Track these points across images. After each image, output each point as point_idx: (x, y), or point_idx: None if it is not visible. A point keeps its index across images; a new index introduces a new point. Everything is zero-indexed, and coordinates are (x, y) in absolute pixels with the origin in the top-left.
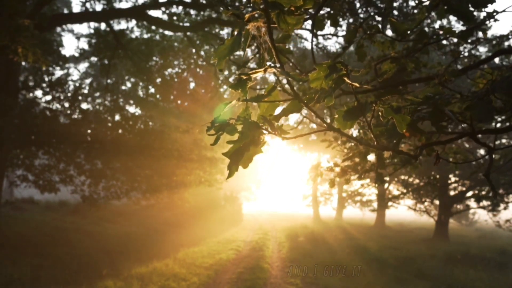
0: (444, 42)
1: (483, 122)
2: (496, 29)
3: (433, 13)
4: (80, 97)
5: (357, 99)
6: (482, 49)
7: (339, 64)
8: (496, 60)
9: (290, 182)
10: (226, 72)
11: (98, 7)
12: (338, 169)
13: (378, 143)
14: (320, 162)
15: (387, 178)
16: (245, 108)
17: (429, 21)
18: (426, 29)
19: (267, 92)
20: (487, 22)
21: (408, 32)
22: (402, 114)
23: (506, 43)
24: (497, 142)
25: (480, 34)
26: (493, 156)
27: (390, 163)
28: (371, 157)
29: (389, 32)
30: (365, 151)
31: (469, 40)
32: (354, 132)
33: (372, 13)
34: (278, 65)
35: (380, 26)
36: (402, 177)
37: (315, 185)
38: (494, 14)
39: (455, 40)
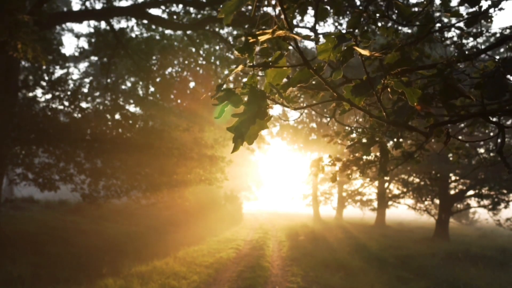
0: (448, 35)
1: (495, 99)
2: (499, 23)
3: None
4: (80, 96)
5: (367, 72)
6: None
7: (348, 34)
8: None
9: (290, 182)
10: (226, 71)
11: (98, 5)
12: (340, 164)
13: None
14: (322, 157)
15: (387, 178)
16: (251, 75)
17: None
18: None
19: (274, 60)
20: (492, 10)
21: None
22: (413, 88)
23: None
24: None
25: (484, 29)
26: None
27: (392, 158)
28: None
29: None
30: (368, 143)
31: (472, 33)
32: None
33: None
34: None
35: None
36: (403, 176)
37: (315, 184)
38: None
39: (458, 32)
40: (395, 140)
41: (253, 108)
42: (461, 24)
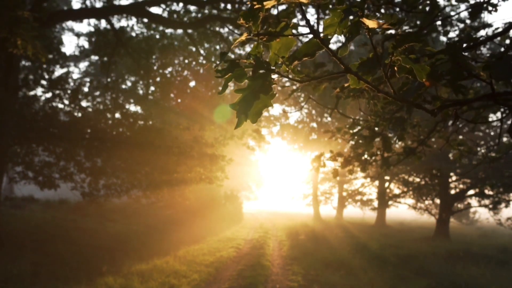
0: (451, 30)
1: (504, 80)
2: (500, 18)
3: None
4: (80, 95)
5: (374, 48)
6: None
7: (355, 8)
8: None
9: (290, 182)
10: None
11: (98, 4)
12: (341, 159)
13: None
14: (323, 152)
15: (387, 177)
16: (256, 45)
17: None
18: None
19: (280, 30)
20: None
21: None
22: (422, 64)
23: None
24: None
25: (486, 22)
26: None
27: (394, 153)
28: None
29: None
30: (371, 135)
31: (476, 24)
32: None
33: None
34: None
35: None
36: (403, 175)
37: (315, 184)
38: None
39: (461, 25)
40: (397, 134)
41: (257, 82)
42: (464, 17)
